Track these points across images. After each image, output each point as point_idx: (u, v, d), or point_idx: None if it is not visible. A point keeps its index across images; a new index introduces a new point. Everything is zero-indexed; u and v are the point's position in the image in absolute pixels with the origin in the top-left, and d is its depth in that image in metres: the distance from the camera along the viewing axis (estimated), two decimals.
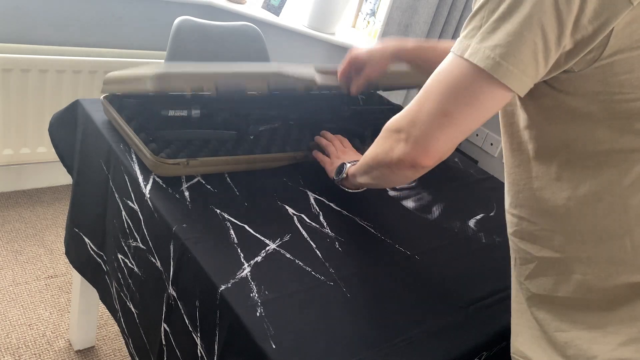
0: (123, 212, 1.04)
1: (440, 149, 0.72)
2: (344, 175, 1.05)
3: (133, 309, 1.05)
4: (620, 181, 0.64)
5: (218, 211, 0.96)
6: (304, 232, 0.97)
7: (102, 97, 1.15)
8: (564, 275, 0.71)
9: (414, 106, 0.72)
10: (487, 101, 0.66)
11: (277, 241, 0.93)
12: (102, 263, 1.20)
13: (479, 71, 0.63)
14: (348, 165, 1.06)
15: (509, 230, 0.78)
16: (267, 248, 0.91)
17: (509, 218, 0.78)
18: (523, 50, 0.60)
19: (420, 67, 1.13)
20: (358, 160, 1.00)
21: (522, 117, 0.72)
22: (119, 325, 1.14)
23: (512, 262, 0.80)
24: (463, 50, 0.65)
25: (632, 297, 0.67)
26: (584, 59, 0.61)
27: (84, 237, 1.23)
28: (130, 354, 1.10)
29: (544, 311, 0.74)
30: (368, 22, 2.53)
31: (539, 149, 0.70)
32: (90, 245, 1.22)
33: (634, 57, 0.60)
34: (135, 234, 1.00)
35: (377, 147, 0.86)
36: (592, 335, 0.69)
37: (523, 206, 0.74)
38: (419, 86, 0.76)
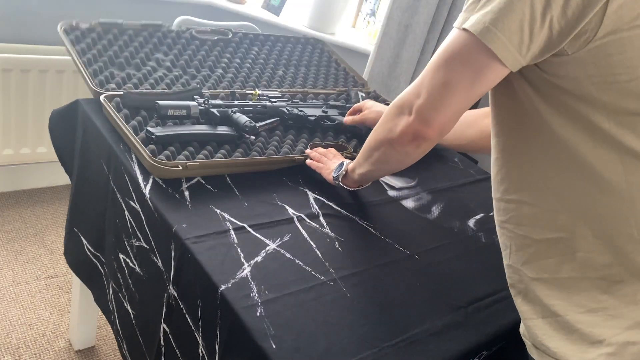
0: (126, 212, 1.04)
1: (442, 120, 0.74)
2: (344, 171, 1.05)
3: (130, 310, 1.05)
4: (621, 159, 0.66)
5: (218, 211, 0.96)
6: (304, 232, 0.97)
7: (102, 97, 1.15)
8: (568, 255, 0.71)
9: (418, 81, 0.75)
10: (483, 71, 0.67)
11: (277, 241, 0.93)
12: (98, 264, 1.19)
13: (472, 38, 0.66)
14: (346, 162, 1.06)
15: (502, 218, 0.78)
16: (267, 248, 0.91)
17: (502, 206, 0.78)
18: (511, 17, 0.63)
19: None
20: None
21: (518, 98, 0.72)
22: (113, 327, 1.13)
23: (507, 251, 0.80)
24: (462, 22, 0.68)
25: (634, 279, 0.67)
26: (577, 40, 0.62)
27: (81, 237, 1.23)
28: (123, 356, 1.09)
29: (544, 294, 0.74)
30: (368, 22, 2.53)
31: (539, 129, 0.71)
32: (87, 246, 1.22)
33: (626, 37, 0.61)
34: (138, 233, 1.00)
35: (379, 127, 0.87)
36: (594, 319, 0.70)
37: (525, 190, 0.74)
38: None
